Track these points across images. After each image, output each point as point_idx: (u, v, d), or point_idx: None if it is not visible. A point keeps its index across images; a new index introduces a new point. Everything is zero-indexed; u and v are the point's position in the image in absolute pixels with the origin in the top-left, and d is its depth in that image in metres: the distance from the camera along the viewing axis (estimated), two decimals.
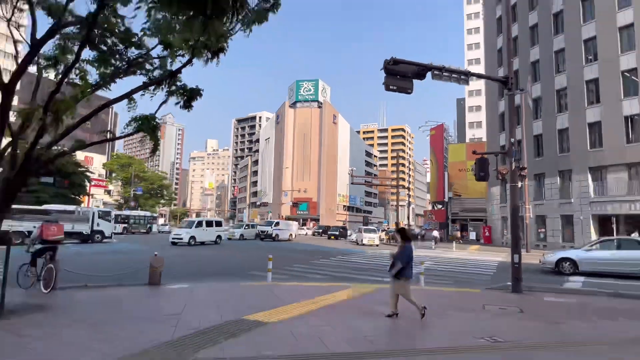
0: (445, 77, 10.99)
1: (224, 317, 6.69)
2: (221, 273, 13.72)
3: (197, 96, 9.10)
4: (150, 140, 7.73)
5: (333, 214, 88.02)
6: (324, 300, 8.60)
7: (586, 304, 9.12)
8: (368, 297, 9.25)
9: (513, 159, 11.67)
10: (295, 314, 7.17)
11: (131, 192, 66.93)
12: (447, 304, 8.69)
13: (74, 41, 8.65)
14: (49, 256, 9.04)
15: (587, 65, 30.98)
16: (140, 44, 8.86)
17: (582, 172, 30.65)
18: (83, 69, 7.99)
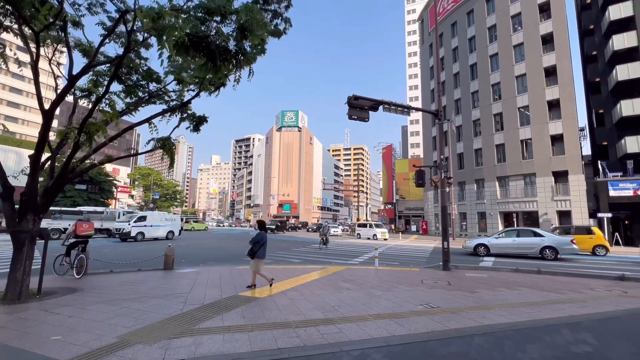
0: (393, 109, 11.23)
1: (223, 295, 6.50)
2: (222, 259, 13.36)
3: (204, 122, 8.91)
4: (168, 156, 7.49)
5: (310, 213, 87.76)
6: (302, 278, 8.51)
7: (495, 278, 9.40)
8: (336, 275, 9.21)
9: (442, 171, 12.00)
10: (279, 290, 7.06)
11: (150, 197, 64.50)
12: (395, 280, 8.76)
13: (104, 77, 8.37)
14: (81, 248, 8.58)
15: (494, 102, 32.42)
16: (159, 80, 8.64)
17: (492, 180, 31.89)
18: (111, 99, 7.69)
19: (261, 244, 7.07)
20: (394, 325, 4.77)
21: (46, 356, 3.47)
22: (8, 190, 6.31)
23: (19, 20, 6.24)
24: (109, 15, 7.25)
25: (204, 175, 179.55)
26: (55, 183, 6.76)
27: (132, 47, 6.87)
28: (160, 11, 5.99)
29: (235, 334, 4.24)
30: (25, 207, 6.36)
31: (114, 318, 4.88)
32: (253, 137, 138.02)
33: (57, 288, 6.94)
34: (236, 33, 6.53)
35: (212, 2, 6.51)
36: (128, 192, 62.46)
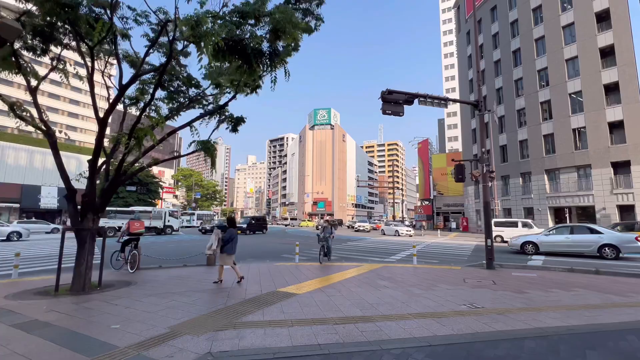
0: (429, 102, 10.84)
1: (263, 290, 6.69)
2: (259, 256, 13.76)
3: (242, 122, 9.20)
4: (209, 158, 7.83)
5: (344, 210, 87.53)
6: (338, 276, 8.52)
7: (546, 277, 8.76)
8: (373, 273, 9.11)
9: (484, 164, 11.38)
10: (317, 287, 7.12)
11: (192, 196, 68.07)
12: (435, 278, 8.48)
13: (149, 85, 8.94)
14: (134, 245, 9.25)
15: (541, 89, 30.06)
16: (198, 85, 9.06)
17: (539, 173, 29.64)
18: (157, 105, 8.18)
19: (228, 240, 7.54)
20: (436, 324, 4.61)
21: (108, 342, 3.80)
22: (71, 193, 6.97)
23: (76, 37, 6.85)
24: (152, 27, 7.69)
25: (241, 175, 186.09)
26: (110, 185, 7.37)
27: (173, 55, 7.25)
28: (199, 18, 6.25)
29: (275, 328, 4.35)
30: (86, 207, 6.99)
31: (164, 310, 5.22)
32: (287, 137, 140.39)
33: (114, 281, 7.56)
34: (270, 35, 6.64)
35: (247, 5, 6.69)
36: (172, 192, 66.43)
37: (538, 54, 30.80)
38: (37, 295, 6.19)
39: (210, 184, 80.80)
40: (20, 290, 6.61)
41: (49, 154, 45.05)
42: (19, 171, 42.00)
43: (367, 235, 32.51)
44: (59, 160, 6.99)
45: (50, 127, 7.06)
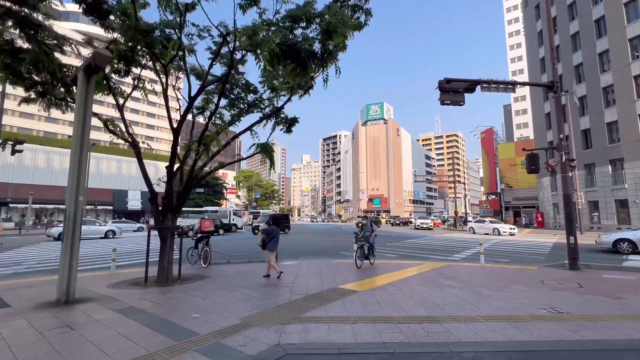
0: (494, 88, 9.99)
1: (324, 287, 6.84)
2: (318, 253, 14.05)
3: (295, 123, 9.48)
4: (268, 159, 8.23)
5: (401, 206, 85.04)
6: (399, 274, 8.33)
7: None
8: (435, 271, 8.72)
9: (562, 152, 10.13)
10: (377, 284, 7.05)
11: (253, 196, 72.15)
12: (506, 278, 7.82)
13: (213, 95, 9.68)
14: (205, 242, 10.13)
15: (634, 61, 25.66)
16: (255, 90, 9.54)
17: (635, 159, 25.35)
18: (221, 112, 8.81)
19: (271, 237, 7.99)
20: (511, 329, 4.26)
21: (190, 330, 4.24)
22: (154, 196, 7.88)
23: (152, 57, 7.71)
24: (214, 41, 8.29)
25: (296, 174, 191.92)
26: (184, 188, 8.16)
27: (233, 64, 7.75)
28: (255, 28, 6.59)
29: (339, 324, 4.42)
30: (166, 208, 7.85)
31: (235, 302, 5.65)
32: (339, 134, 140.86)
33: (191, 275, 8.38)
34: (321, 36, 6.74)
35: (297, 9, 6.87)
36: (235, 192, 71.12)
37: (629, 20, 26.31)
38: (131, 286, 7.14)
39: (269, 184, 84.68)
40: (118, 280, 7.69)
41: (132, 162, 51.45)
42: (111, 178, 48.74)
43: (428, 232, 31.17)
44: (143, 168, 7.95)
45: (135, 139, 8.06)
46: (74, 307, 5.42)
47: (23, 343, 3.86)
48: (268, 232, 8.05)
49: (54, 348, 3.70)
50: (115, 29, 7.61)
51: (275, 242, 8.08)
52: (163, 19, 7.35)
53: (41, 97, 7.70)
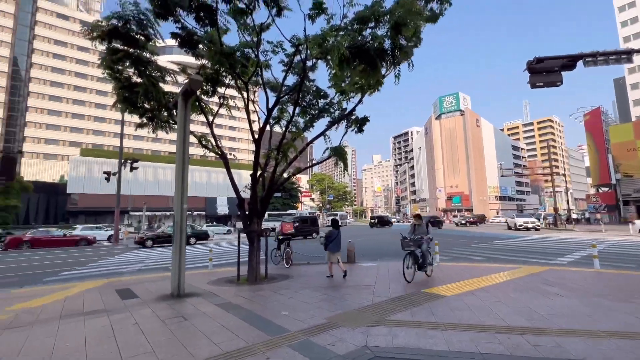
0: (601, 61, 8.45)
1: (407, 290, 6.63)
2: (396, 255, 13.64)
3: (366, 122, 9.44)
4: (341, 162, 8.36)
5: (485, 204, 77.45)
6: (490, 279, 7.59)
7: None
8: (535, 277, 7.71)
9: None
10: (466, 289, 6.54)
11: (326, 199, 73.91)
12: (634, 288, 6.50)
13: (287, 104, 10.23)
14: (287, 243, 10.74)
15: None
16: (326, 95, 9.78)
17: None
18: (296, 120, 9.26)
19: (331, 239, 8.21)
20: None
21: (281, 326, 4.54)
22: (241, 201, 8.67)
23: (234, 76, 8.53)
24: (286, 53, 8.76)
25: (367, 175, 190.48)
26: (267, 193, 8.79)
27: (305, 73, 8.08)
28: (324, 35, 6.78)
29: (428, 330, 4.24)
30: (251, 213, 8.56)
31: (319, 302, 5.85)
32: (410, 131, 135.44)
33: (276, 274, 8.96)
34: (390, 32, 6.60)
35: (366, 10, 6.85)
36: (309, 196, 73.79)
37: None
38: (226, 283, 7.96)
39: (341, 186, 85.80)
40: (215, 278, 8.65)
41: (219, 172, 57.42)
42: (202, 187, 55.20)
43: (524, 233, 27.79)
44: (231, 176, 8.82)
45: (224, 151, 9.00)
46: (184, 300, 6.28)
47: (151, 328, 4.62)
48: (328, 235, 8.36)
49: (174, 335, 4.34)
50: (203, 55, 8.64)
51: (336, 244, 8.27)
52: (242, 41, 8.09)
53: (150, 121, 9.11)
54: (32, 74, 61.42)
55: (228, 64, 7.64)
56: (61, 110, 62.91)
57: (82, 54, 64.43)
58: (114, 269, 12.07)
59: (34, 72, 61.57)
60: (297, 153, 8.42)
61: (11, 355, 3.84)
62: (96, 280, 9.31)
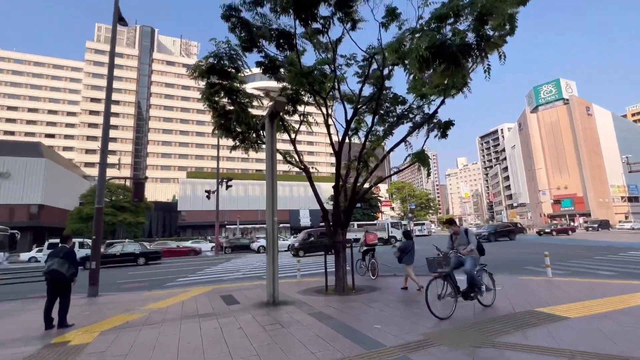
0: None
1: (515, 308, 5.81)
2: (496, 267, 12.18)
3: (450, 126, 8.81)
4: (424, 167, 7.96)
5: (607, 207, 64.12)
6: (630, 298, 6.15)
7: None
8: None
9: None
10: (597, 311, 5.42)
11: (408, 207, 70.95)
12: None
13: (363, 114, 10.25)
14: (371, 254, 10.57)
15: None
16: (404, 101, 9.50)
17: None
18: (375, 129, 9.21)
19: (406, 251, 7.98)
20: None
21: (376, 340, 4.43)
22: (325, 213, 8.90)
23: (312, 94, 8.94)
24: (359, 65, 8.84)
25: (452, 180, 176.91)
26: (349, 204, 8.85)
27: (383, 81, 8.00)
28: (399, 40, 6.65)
29: (548, 356, 3.62)
30: (335, 224, 8.71)
31: (412, 316, 5.55)
32: (500, 129, 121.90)
33: (363, 286, 8.86)
34: (474, 24, 6.12)
35: (443, 7, 6.51)
36: (389, 205, 71.86)
37: None
38: (315, 293, 8.18)
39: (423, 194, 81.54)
40: (305, 288, 8.97)
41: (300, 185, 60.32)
42: (286, 200, 58.65)
43: None
44: (315, 189, 9.15)
45: (307, 165, 9.43)
46: (279, 308, 6.66)
47: (253, 333, 5.00)
48: (402, 247, 8.20)
49: (273, 340, 4.61)
50: (284, 78, 9.31)
51: (411, 256, 8.07)
52: (318, 59, 8.47)
53: (242, 143, 10.12)
54: (151, 114, 74.84)
55: (307, 83, 8.06)
56: (171, 140, 74.93)
57: (185, 92, 76.13)
58: (216, 276, 13.56)
59: (152, 111, 74.96)
60: (378, 162, 8.32)
61: (149, 349, 4.58)
62: (204, 286, 10.57)
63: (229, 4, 7.27)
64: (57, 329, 5.85)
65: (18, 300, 9.38)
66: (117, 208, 36.87)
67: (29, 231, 39.42)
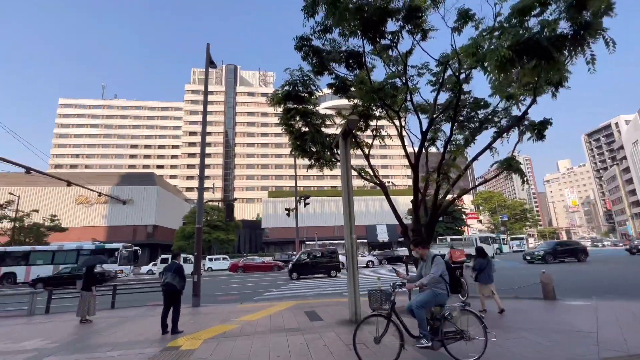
0: None
1: None
2: (626, 290, 10.00)
3: (547, 126, 7.79)
4: (517, 174, 7.14)
5: None
6: None
7: None
8: None
9: None
10: None
11: (499, 219, 63.61)
12: None
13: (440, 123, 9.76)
14: (459, 273, 9.71)
15: None
16: (486, 104, 8.79)
17: None
18: (454, 138, 8.69)
19: (482, 268, 7.45)
20: None
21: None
22: (405, 228, 8.59)
23: (384, 108, 8.91)
24: (433, 73, 8.53)
25: (552, 187, 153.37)
26: (431, 219, 8.39)
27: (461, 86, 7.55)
28: (476, 42, 6.25)
29: None
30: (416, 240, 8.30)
31: (516, 347, 4.88)
32: (613, 122, 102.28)
33: None
34: (570, 10, 5.41)
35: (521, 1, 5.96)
36: (476, 217, 65.50)
37: None
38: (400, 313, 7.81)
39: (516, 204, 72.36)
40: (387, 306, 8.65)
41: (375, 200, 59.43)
42: (361, 215, 58.23)
43: None
44: (392, 204, 8.94)
45: (382, 180, 9.31)
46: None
47: (338, 352, 5.02)
48: (475, 265, 7.72)
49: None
50: (355, 96, 9.50)
51: (487, 274, 7.50)
52: (388, 73, 8.46)
53: (317, 162, 10.54)
54: (236, 140, 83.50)
55: (378, 98, 8.09)
56: (253, 163, 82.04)
57: (264, 118, 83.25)
58: (298, 291, 14.05)
59: (237, 139, 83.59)
60: (460, 172, 7.75)
61: (244, 359, 4.96)
62: (287, 301, 11.04)
63: (301, 35, 7.84)
64: (170, 334, 6.77)
65: (142, 307, 11.15)
66: (211, 227, 41.42)
67: (146, 247, 46.92)
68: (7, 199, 35.63)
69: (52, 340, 6.69)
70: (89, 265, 9.18)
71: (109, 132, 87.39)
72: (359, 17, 6.83)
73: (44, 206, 44.75)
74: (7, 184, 45.61)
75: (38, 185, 46.83)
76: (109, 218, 50.61)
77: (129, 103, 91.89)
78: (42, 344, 6.42)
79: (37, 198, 47.39)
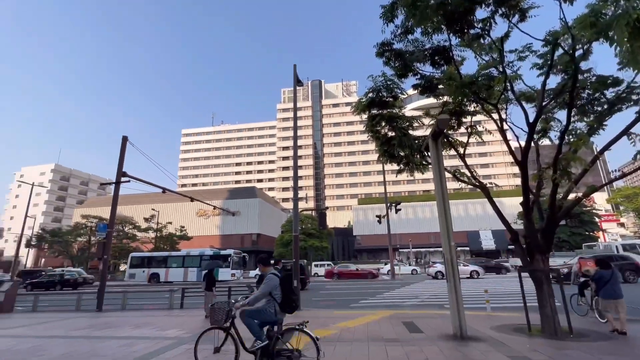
0: None
1: None
2: None
3: None
4: None
5: None
6: None
7: None
8: None
9: None
10: None
11: None
12: None
13: (553, 111, 8.38)
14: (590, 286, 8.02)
15: None
16: (616, 82, 7.17)
17: None
18: (573, 126, 7.36)
19: (603, 282, 6.61)
20: None
21: None
22: (514, 235, 7.55)
23: (479, 102, 8.12)
24: (539, 54, 7.41)
25: None
26: (548, 223, 7.18)
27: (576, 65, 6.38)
28: (595, 9, 5.26)
29: None
30: (531, 247, 7.20)
31: None
32: None
33: (586, 330, 6.77)
34: None
35: None
36: (615, 220, 53.09)
37: None
38: (513, 332, 6.87)
39: None
40: (498, 324, 7.69)
41: (475, 203, 53.85)
42: (461, 220, 53.30)
43: None
44: (496, 207, 7.99)
45: (481, 181, 8.43)
46: (469, 344, 5.97)
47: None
48: (594, 277, 6.83)
49: None
50: (443, 94, 8.92)
51: (611, 289, 6.52)
52: (481, 64, 7.70)
53: (406, 166, 10.17)
54: (324, 151, 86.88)
55: (471, 92, 7.42)
56: (342, 172, 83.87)
57: (349, 127, 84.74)
58: (394, 301, 13.61)
59: (325, 149, 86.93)
60: (586, 166, 6.43)
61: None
62: (383, 310, 10.81)
63: (381, 42, 7.79)
64: None
65: None
66: (306, 235, 43.69)
67: (252, 254, 52.32)
68: (150, 214, 44.63)
69: (186, 331, 8.01)
70: (209, 269, 10.74)
71: (218, 154, 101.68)
72: (442, 12, 6.44)
73: (175, 219, 54.35)
74: (150, 201, 56.99)
75: (170, 201, 57.20)
76: (221, 227, 58.39)
77: (232, 127, 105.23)
78: (180, 334, 7.74)
79: (170, 212, 57.80)
